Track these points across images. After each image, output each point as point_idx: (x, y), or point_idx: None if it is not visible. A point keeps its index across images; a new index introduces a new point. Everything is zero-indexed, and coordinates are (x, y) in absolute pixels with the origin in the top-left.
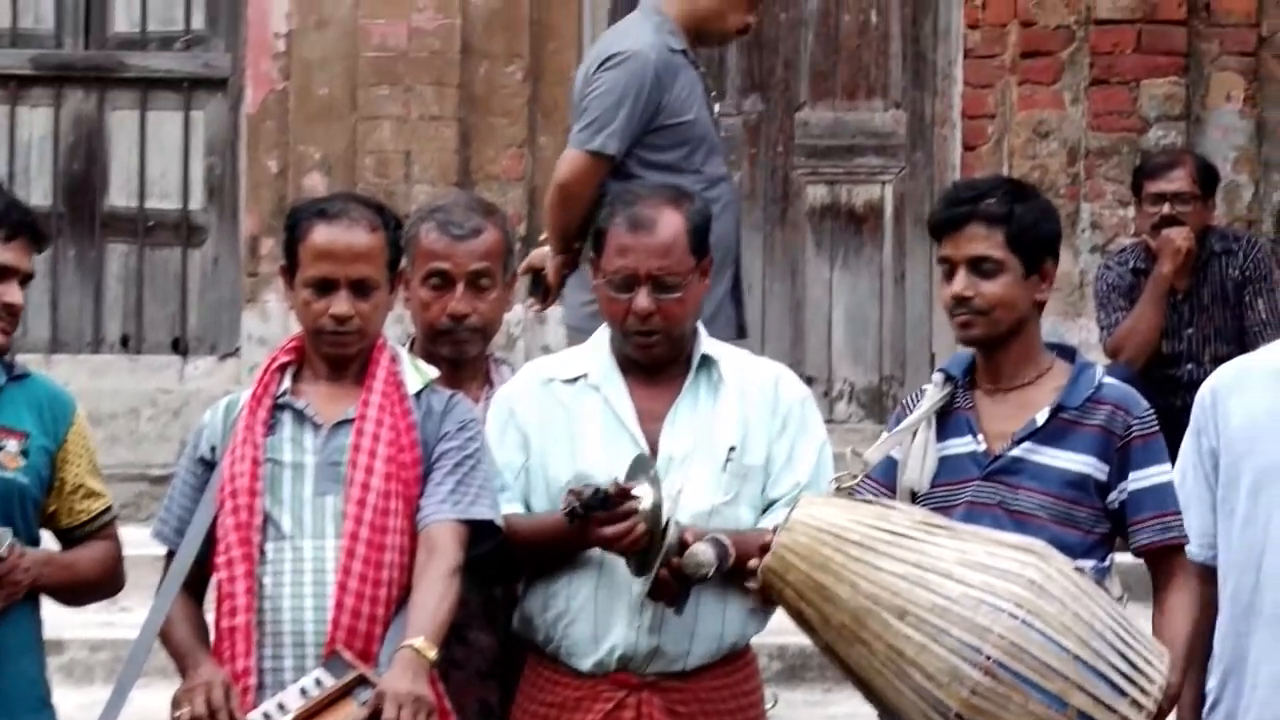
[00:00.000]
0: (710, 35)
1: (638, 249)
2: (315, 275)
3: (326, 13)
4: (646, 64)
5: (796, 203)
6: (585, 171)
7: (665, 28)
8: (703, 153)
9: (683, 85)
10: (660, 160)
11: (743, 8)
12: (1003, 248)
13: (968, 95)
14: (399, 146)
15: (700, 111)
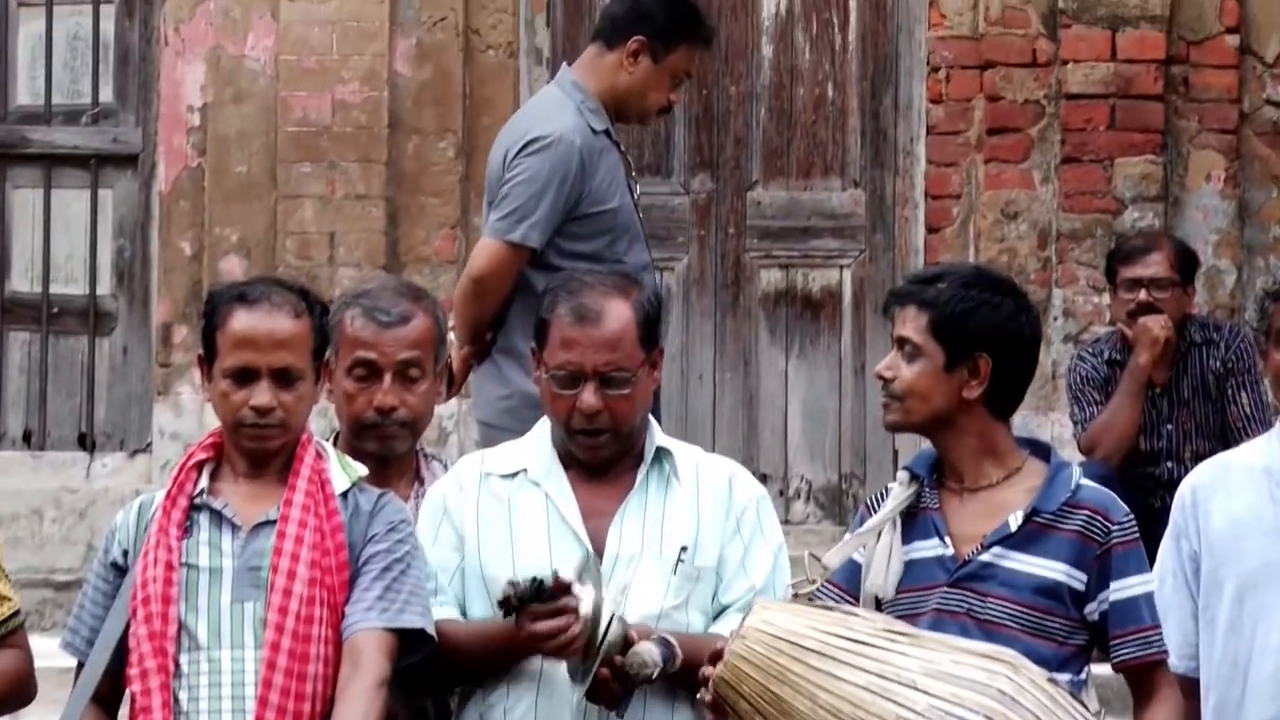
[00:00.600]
0: (630, 113)
1: (583, 342)
2: (235, 364)
3: (244, 85)
4: (570, 150)
5: (749, 288)
6: (503, 263)
7: (587, 106)
8: (625, 240)
9: (606, 170)
10: (581, 250)
11: (664, 86)
12: (924, 333)
13: (931, 174)
14: (322, 227)
15: (623, 197)
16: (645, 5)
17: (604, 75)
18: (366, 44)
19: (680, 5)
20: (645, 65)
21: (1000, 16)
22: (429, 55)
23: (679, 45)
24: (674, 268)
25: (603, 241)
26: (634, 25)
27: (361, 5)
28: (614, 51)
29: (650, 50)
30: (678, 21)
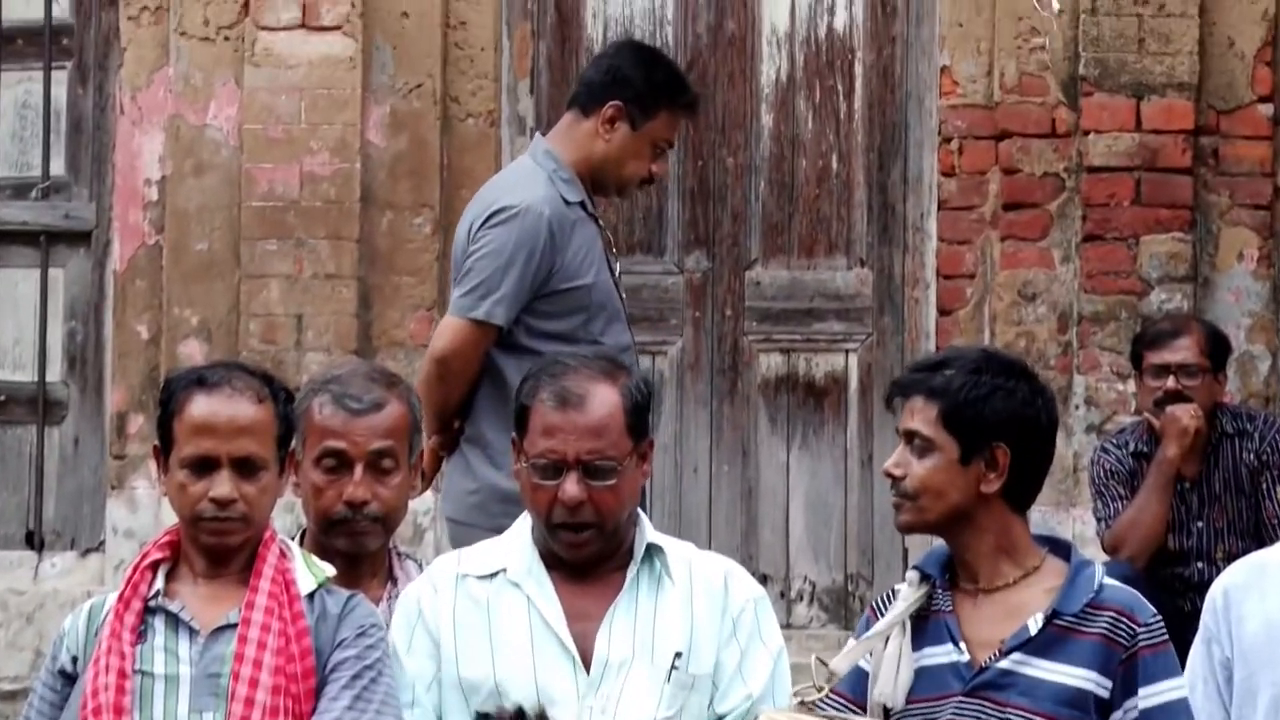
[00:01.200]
0: (608, 184)
1: (566, 429)
2: (193, 453)
3: (205, 156)
4: (539, 221)
5: (747, 374)
6: (468, 343)
7: (560, 176)
8: (602, 320)
9: (580, 243)
10: (552, 329)
11: (644, 155)
12: (934, 425)
13: (943, 252)
14: (289, 309)
15: (600, 273)
16: (622, 69)
17: (579, 144)
18: (337, 112)
19: (660, 69)
20: (623, 133)
21: (1017, 84)
22: (404, 124)
23: (658, 111)
24: (667, 352)
25: (576, 320)
26: (610, 90)
27: (331, 71)
28: (589, 119)
29: (628, 116)
30: (657, 86)
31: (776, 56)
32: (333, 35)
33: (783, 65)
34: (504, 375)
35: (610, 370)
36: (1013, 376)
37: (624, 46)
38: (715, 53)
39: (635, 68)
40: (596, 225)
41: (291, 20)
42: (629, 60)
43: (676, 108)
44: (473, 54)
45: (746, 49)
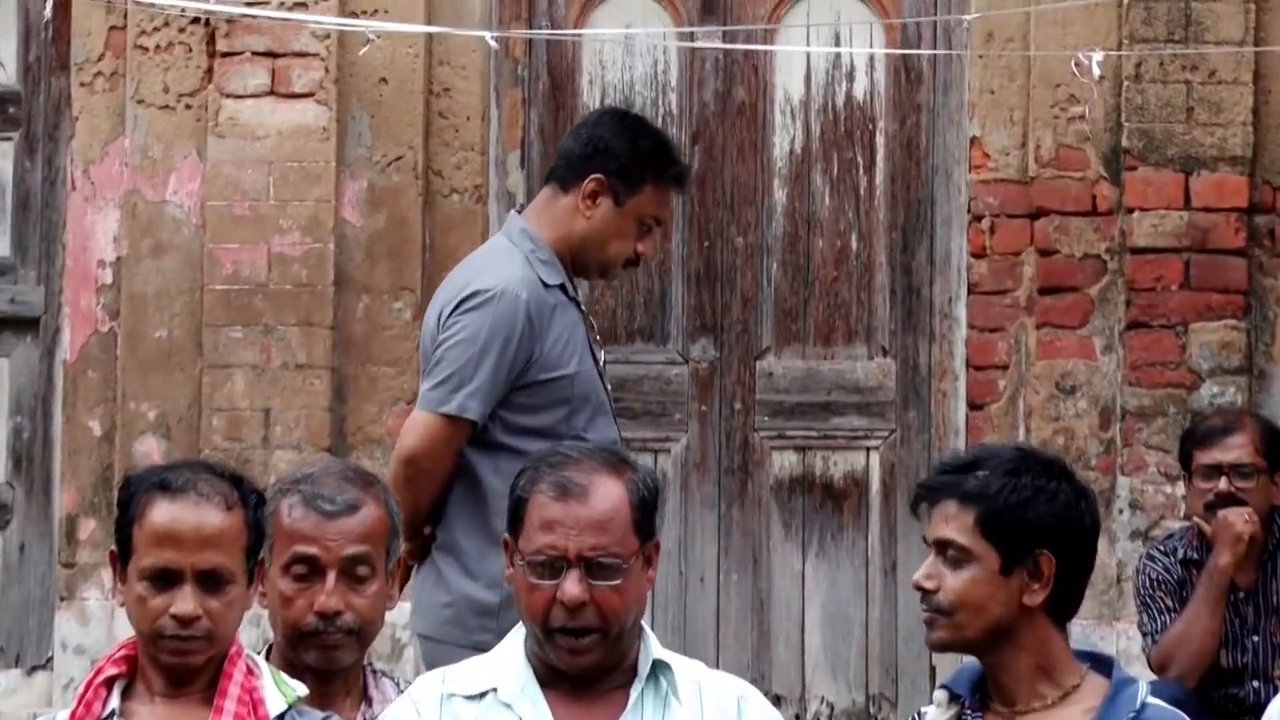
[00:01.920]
0: (590, 265)
1: (567, 522)
2: (154, 565)
3: (165, 236)
4: (515, 306)
5: (759, 473)
6: (439, 441)
7: (538, 257)
8: (586, 413)
9: (560, 330)
10: (531, 424)
11: (629, 233)
12: (972, 533)
13: (973, 340)
14: (256, 402)
15: (582, 362)
16: (604, 139)
17: (558, 221)
18: (309, 187)
19: (645, 139)
20: (605, 209)
21: (1054, 156)
22: (382, 200)
23: (644, 185)
24: (670, 450)
25: (558, 414)
26: (591, 162)
27: (303, 142)
28: (569, 194)
29: (610, 191)
30: (642, 157)
31: (790, 126)
32: (304, 103)
33: (797, 136)
34: (479, 476)
35: (615, 462)
36: (1053, 477)
37: (606, 114)
38: (724, 122)
39: (618, 137)
40: (578, 310)
41: (259, 87)
42: (611, 129)
43: (664, 180)
44: (458, 123)
45: (758, 118)
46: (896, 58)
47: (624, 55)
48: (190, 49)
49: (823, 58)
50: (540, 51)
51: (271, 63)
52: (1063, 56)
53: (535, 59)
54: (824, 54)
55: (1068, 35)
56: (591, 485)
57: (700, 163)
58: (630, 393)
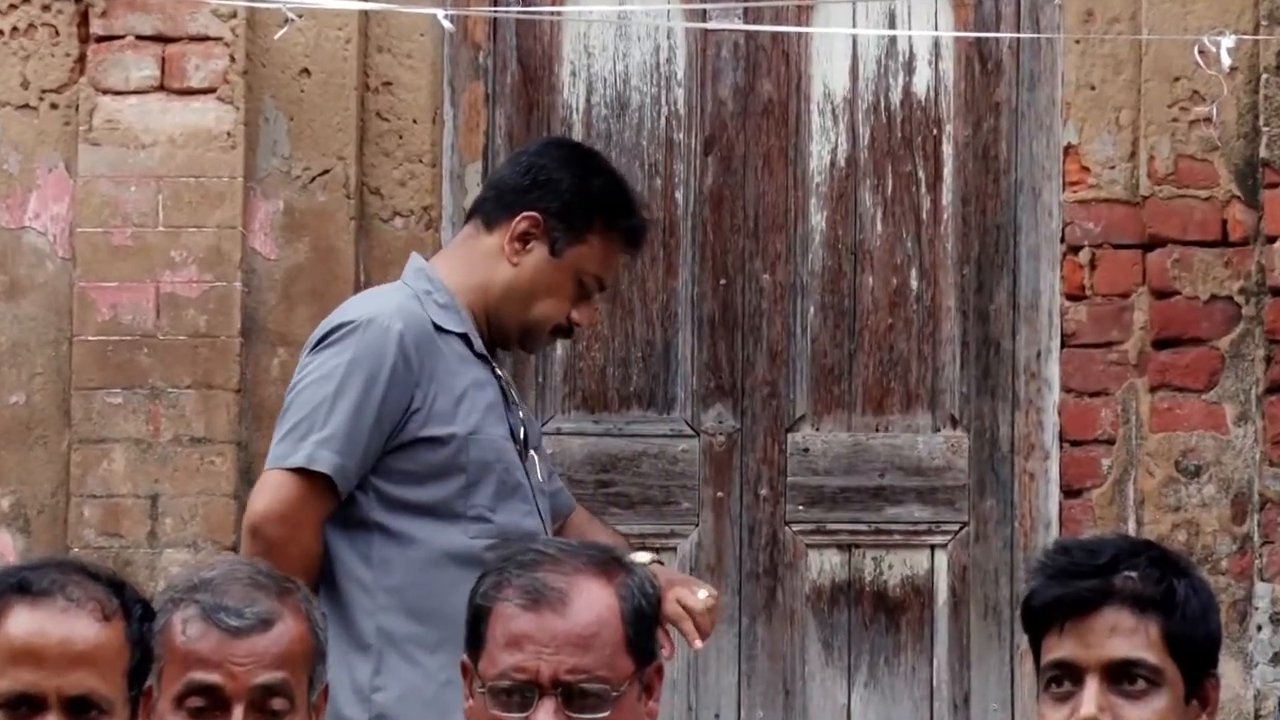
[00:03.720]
0: (508, 327)
1: (540, 638)
2: (10, 689)
3: (22, 272)
4: (384, 336)
5: (791, 579)
6: (289, 505)
7: (435, 300)
8: (489, 489)
9: (454, 380)
10: (414, 498)
11: (563, 292)
12: (1160, 649)
13: (1069, 408)
14: (140, 487)
15: (487, 425)
16: (546, 170)
17: (476, 266)
18: (209, 209)
19: (598, 177)
20: (537, 257)
21: (1173, 170)
22: (304, 226)
23: (589, 235)
24: (677, 548)
25: (449, 487)
26: (526, 196)
27: (202, 151)
28: (494, 233)
29: (546, 235)
30: (592, 199)
31: (832, 131)
32: (204, 101)
33: (840, 143)
34: (347, 568)
35: (604, 562)
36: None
37: (553, 143)
38: (745, 126)
39: (564, 169)
40: (492, 375)
41: (145, 80)
42: (557, 159)
43: (615, 232)
44: (402, 127)
45: (789, 120)
46: (969, 43)
47: (617, 40)
48: (57, 32)
49: (873, 43)
50: (508, 35)
51: (162, 49)
52: (1183, 42)
53: (502, 45)
54: (875, 38)
55: (1189, 15)
56: (572, 590)
57: (715, 178)
58: (624, 474)
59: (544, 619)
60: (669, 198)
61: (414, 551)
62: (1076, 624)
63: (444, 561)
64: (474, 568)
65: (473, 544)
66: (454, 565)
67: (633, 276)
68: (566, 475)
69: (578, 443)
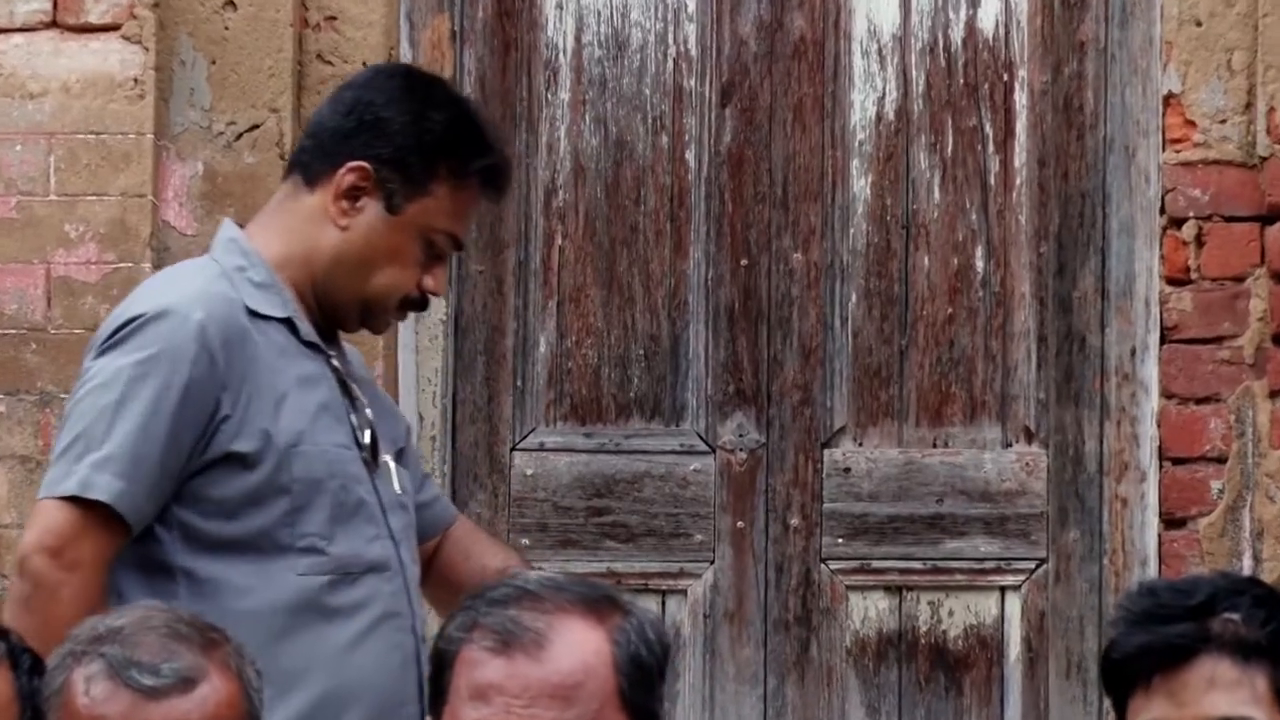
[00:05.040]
0: (343, 305)
1: (511, 688)
2: None
3: None
4: (182, 330)
5: (829, 627)
6: (64, 539)
7: (250, 278)
8: (320, 515)
9: (276, 379)
10: (228, 534)
11: (408, 257)
12: (1270, 705)
13: (1171, 417)
14: (28, 515)
15: (320, 432)
16: (374, 105)
17: (297, 231)
18: (111, 174)
19: (438, 111)
20: (371, 216)
21: None
22: (229, 193)
23: (433, 184)
24: (687, 590)
25: (271, 514)
26: (351, 142)
27: (103, 101)
28: (316, 190)
29: (380, 188)
30: (433, 140)
31: (878, 77)
32: (105, 40)
33: (889, 92)
34: None
35: (595, 600)
36: None
37: (382, 73)
38: (771, 71)
39: (395, 104)
40: (328, 366)
41: (33, 15)
42: (386, 93)
43: (466, 177)
44: (348, 72)
45: (825, 65)
46: None
47: None
48: None
49: None
50: None
51: None
52: None
53: None
54: None
55: None
56: (552, 631)
57: (735, 134)
58: (623, 500)
59: (516, 665)
60: (678, 159)
61: (230, 601)
62: (1167, 678)
63: (269, 612)
64: (309, 613)
65: (304, 583)
66: (283, 614)
67: (632, 257)
68: (551, 502)
69: (564, 461)
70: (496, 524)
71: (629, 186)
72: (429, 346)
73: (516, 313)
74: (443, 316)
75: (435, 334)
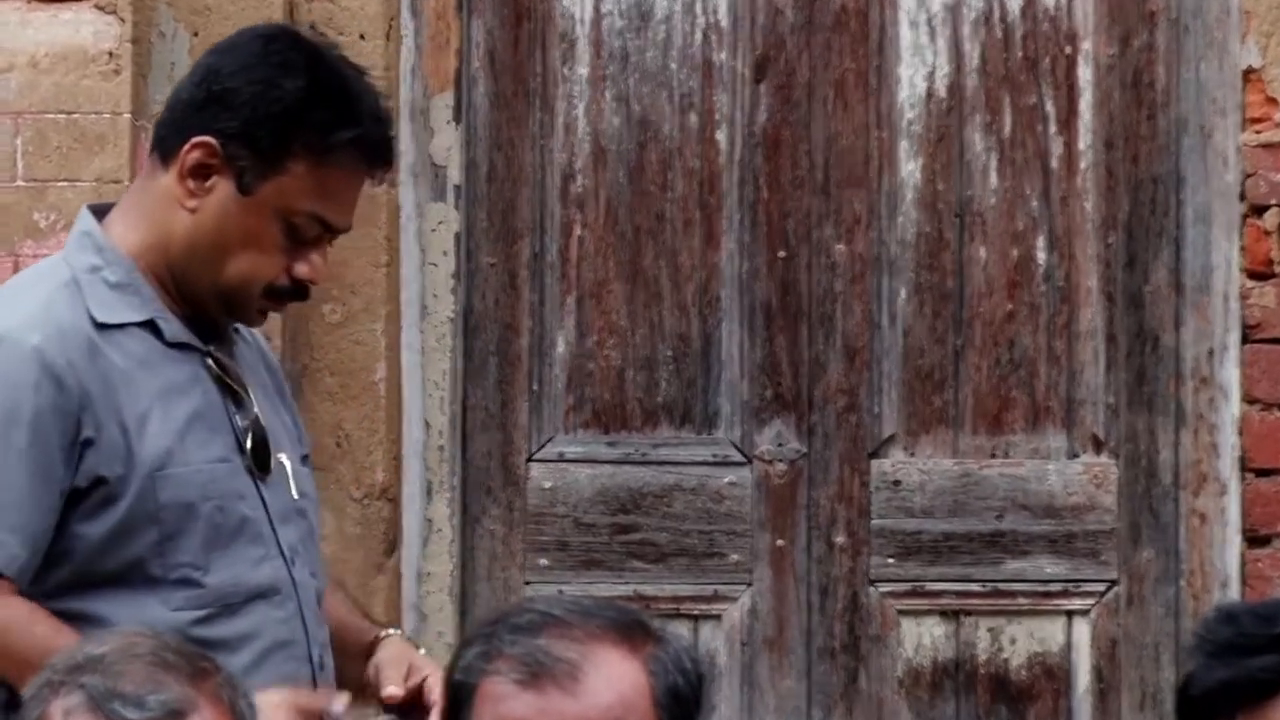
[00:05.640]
0: (202, 299)
1: None
2: None
3: None
4: (17, 359)
5: (879, 655)
6: None
7: (105, 278)
8: (193, 541)
9: (125, 385)
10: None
11: (267, 242)
12: None
13: (1253, 425)
14: None
15: (190, 448)
16: (222, 74)
17: (151, 216)
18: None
19: (294, 76)
20: (222, 197)
21: None
22: None
23: (288, 158)
24: (722, 615)
25: (142, 544)
26: (200, 114)
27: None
28: (170, 169)
29: (230, 165)
30: (284, 109)
31: (928, 50)
32: (77, 10)
33: (940, 67)
34: None
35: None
36: None
37: (242, 37)
38: (810, 43)
39: (246, 73)
40: (202, 365)
41: None
42: (237, 60)
43: (329, 153)
44: (346, 45)
45: (870, 36)
46: None
47: None
48: None
49: None
50: None
51: None
52: None
53: None
54: None
55: None
56: (587, 663)
57: (771, 114)
58: (651, 516)
59: (548, 700)
60: (708, 141)
61: None
62: (1251, 716)
63: None
64: None
65: (179, 618)
66: None
67: (659, 248)
68: (571, 518)
69: (586, 473)
70: (511, 542)
71: (654, 171)
72: (436, 347)
73: (532, 310)
74: (451, 314)
75: (443, 334)
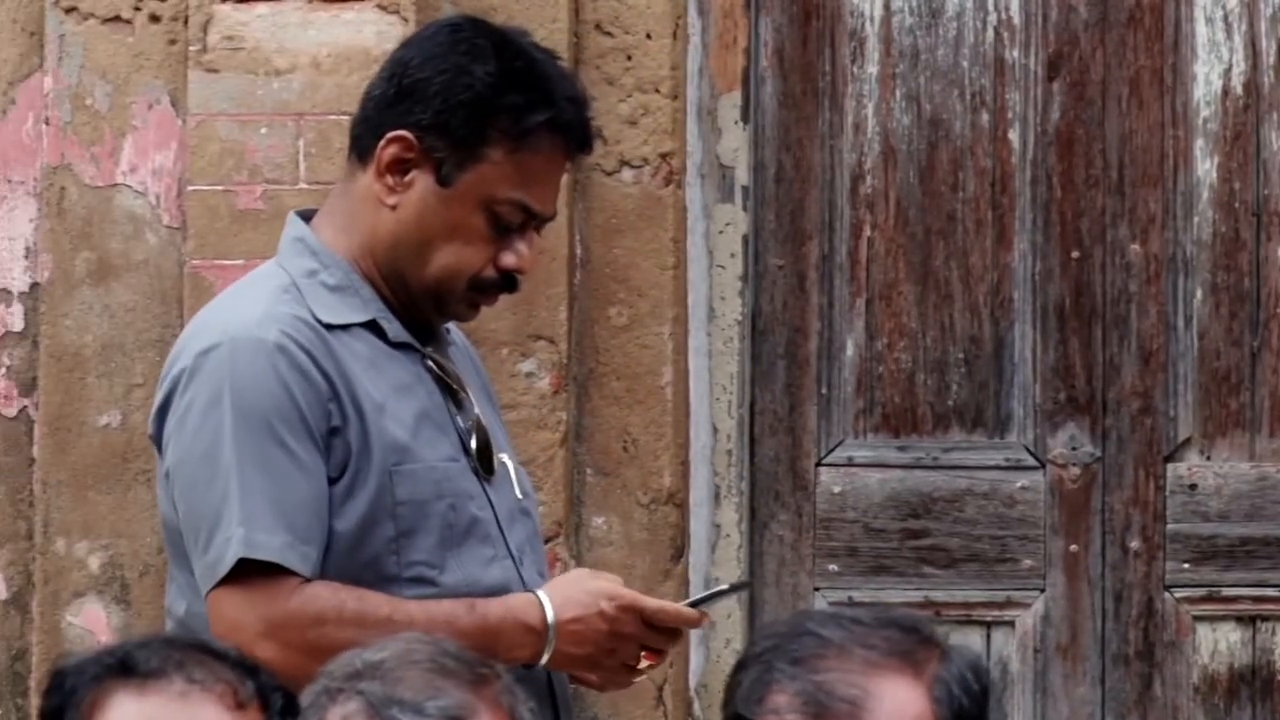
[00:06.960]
0: (414, 297)
1: None
2: None
3: (115, 245)
4: (258, 353)
5: (1175, 662)
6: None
7: (323, 281)
8: (429, 540)
9: (366, 381)
10: (335, 567)
11: (473, 233)
12: None
13: None
14: None
15: (423, 445)
16: (412, 67)
17: (356, 218)
18: None
19: (483, 64)
20: (423, 191)
21: None
22: None
23: (486, 146)
24: (1015, 621)
25: (376, 542)
26: (393, 110)
27: (358, 78)
28: (368, 168)
29: (428, 158)
30: (476, 97)
31: (1224, 46)
32: (360, 9)
33: (1237, 63)
34: None
35: (910, 648)
36: None
37: (430, 29)
38: (1104, 40)
39: (434, 63)
40: (422, 365)
41: None
42: (425, 52)
43: (528, 137)
44: (631, 45)
45: (1165, 33)
46: None
47: None
48: None
49: None
50: None
51: None
52: None
53: None
54: None
55: None
56: (871, 700)
57: (1064, 112)
58: (942, 521)
59: None
60: (1000, 140)
61: None
62: None
63: None
64: None
65: None
66: None
67: (950, 249)
68: (861, 523)
69: (876, 478)
70: (800, 547)
71: (945, 170)
72: (724, 350)
73: (821, 312)
74: (739, 317)
75: (730, 336)
